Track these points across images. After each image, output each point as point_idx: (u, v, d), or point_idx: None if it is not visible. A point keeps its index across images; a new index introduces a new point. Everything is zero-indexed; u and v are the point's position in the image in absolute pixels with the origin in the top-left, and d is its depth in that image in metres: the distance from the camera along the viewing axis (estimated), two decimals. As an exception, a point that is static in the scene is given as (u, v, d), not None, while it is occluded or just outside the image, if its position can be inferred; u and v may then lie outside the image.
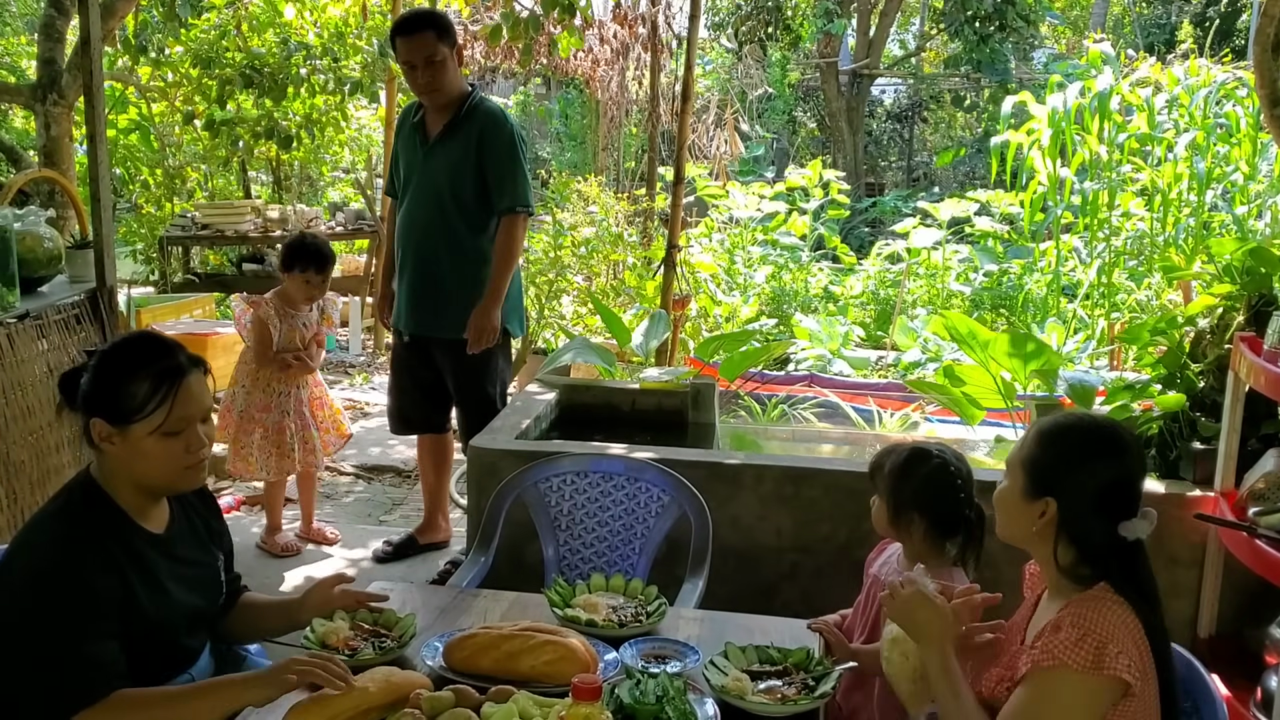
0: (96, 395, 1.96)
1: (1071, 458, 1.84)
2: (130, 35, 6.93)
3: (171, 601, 2.02)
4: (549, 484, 3.08)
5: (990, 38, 14.69)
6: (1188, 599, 3.30)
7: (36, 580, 1.87)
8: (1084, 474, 1.82)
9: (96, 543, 1.92)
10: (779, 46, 15.41)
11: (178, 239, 7.92)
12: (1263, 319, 3.23)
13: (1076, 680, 1.70)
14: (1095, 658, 1.69)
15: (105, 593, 1.89)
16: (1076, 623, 1.73)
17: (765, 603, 3.23)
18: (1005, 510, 1.92)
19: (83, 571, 1.88)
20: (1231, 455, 3.22)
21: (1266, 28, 4.23)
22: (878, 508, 2.41)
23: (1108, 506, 1.80)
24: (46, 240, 4.00)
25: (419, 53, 3.94)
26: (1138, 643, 1.73)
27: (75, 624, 1.85)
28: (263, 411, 4.29)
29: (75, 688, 1.83)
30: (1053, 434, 1.88)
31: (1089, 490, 1.81)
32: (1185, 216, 6.88)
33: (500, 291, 4.02)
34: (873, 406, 5.08)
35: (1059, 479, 1.83)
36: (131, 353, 2.00)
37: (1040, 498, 1.84)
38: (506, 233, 4.02)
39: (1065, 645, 1.71)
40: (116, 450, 1.95)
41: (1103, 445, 1.84)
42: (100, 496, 1.98)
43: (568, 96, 14.67)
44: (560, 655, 1.97)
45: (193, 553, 2.12)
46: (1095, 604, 1.76)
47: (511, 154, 4.02)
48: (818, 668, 2.05)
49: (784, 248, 8.73)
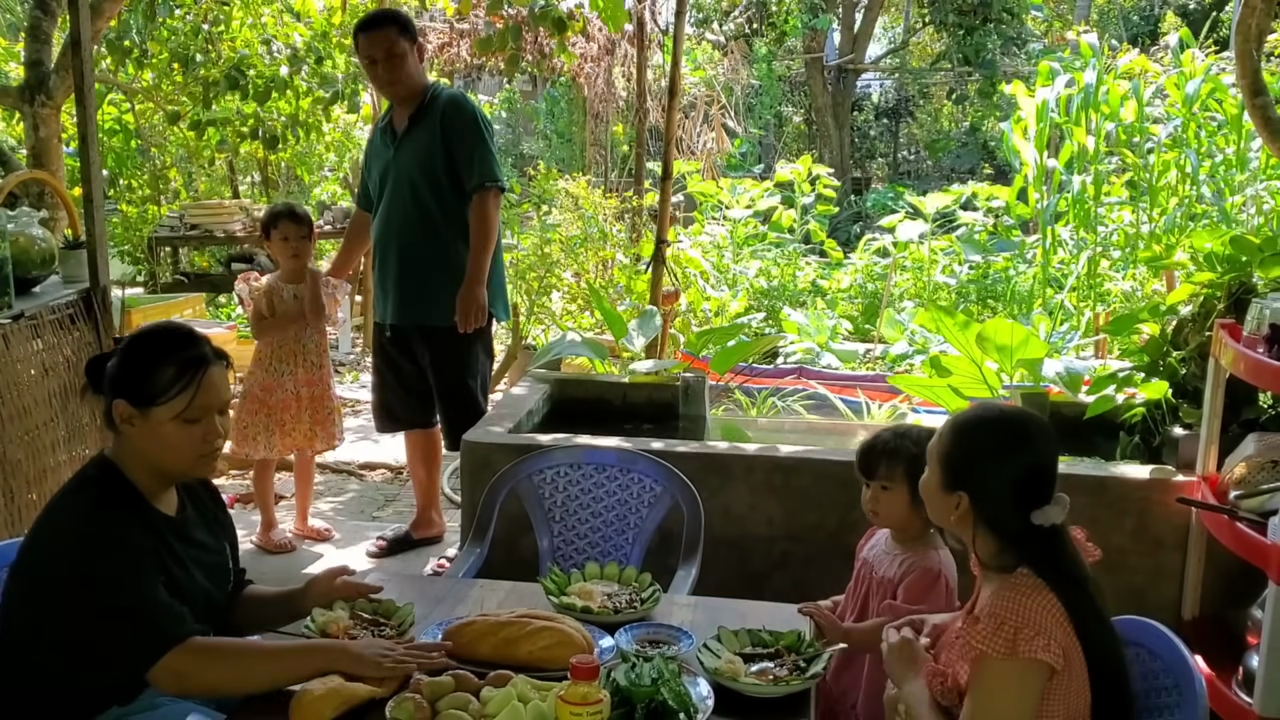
0: (123, 377, 2.04)
1: (980, 452, 1.92)
2: (113, 36, 6.93)
3: (191, 582, 2.08)
4: (543, 476, 3.12)
5: (975, 31, 14.75)
6: (1171, 582, 3.35)
7: (84, 544, 1.92)
8: (992, 468, 1.90)
9: (126, 510, 2.00)
10: (765, 42, 15.45)
11: (166, 239, 7.92)
12: (1242, 306, 3.28)
13: (997, 668, 1.79)
14: (1010, 643, 1.78)
15: (149, 550, 1.98)
16: (993, 611, 1.82)
17: (756, 591, 3.26)
18: (927, 499, 2.01)
19: (125, 529, 1.96)
20: (1213, 440, 3.28)
21: (1248, 18, 4.29)
22: (871, 494, 2.45)
23: (1019, 497, 1.87)
24: (40, 241, 4.01)
25: (379, 47, 4.07)
26: (1060, 624, 1.80)
27: (135, 574, 1.93)
28: (265, 390, 4.32)
29: (153, 633, 1.91)
30: (963, 429, 1.97)
31: (999, 483, 1.89)
32: (1172, 207, 6.94)
33: (481, 270, 4.06)
34: (861, 398, 5.13)
35: (969, 473, 1.92)
36: (160, 340, 2.09)
37: (955, 491, 1.92)
38: (479, 210, 4.06)
39: (983, 635, 1.81)
40: (136, 432, 2.02)
41: (1010, 439, 1.91)
42: (118, 475, 2.05)
43: (553, 94, 14.69)
44: (557, 640, 2.01)
45: (204, 539, 2.18)
46: (1013, 590, 1.83)
47: (476, 133, 4.08)
48: (809, 650, 2.10)
49: (773, 242, 8.78)
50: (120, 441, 2.06)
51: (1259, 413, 3.45)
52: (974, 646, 1.81)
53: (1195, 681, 1.82)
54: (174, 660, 1.90)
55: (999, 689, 1.80)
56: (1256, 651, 2.81)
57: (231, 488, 5.23)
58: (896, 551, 2.43)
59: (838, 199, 11.10)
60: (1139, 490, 3.35)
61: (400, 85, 4.12)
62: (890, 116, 18.16)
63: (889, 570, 2.41)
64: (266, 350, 4.34)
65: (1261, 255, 3.53)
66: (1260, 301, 3.04)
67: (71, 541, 1.94)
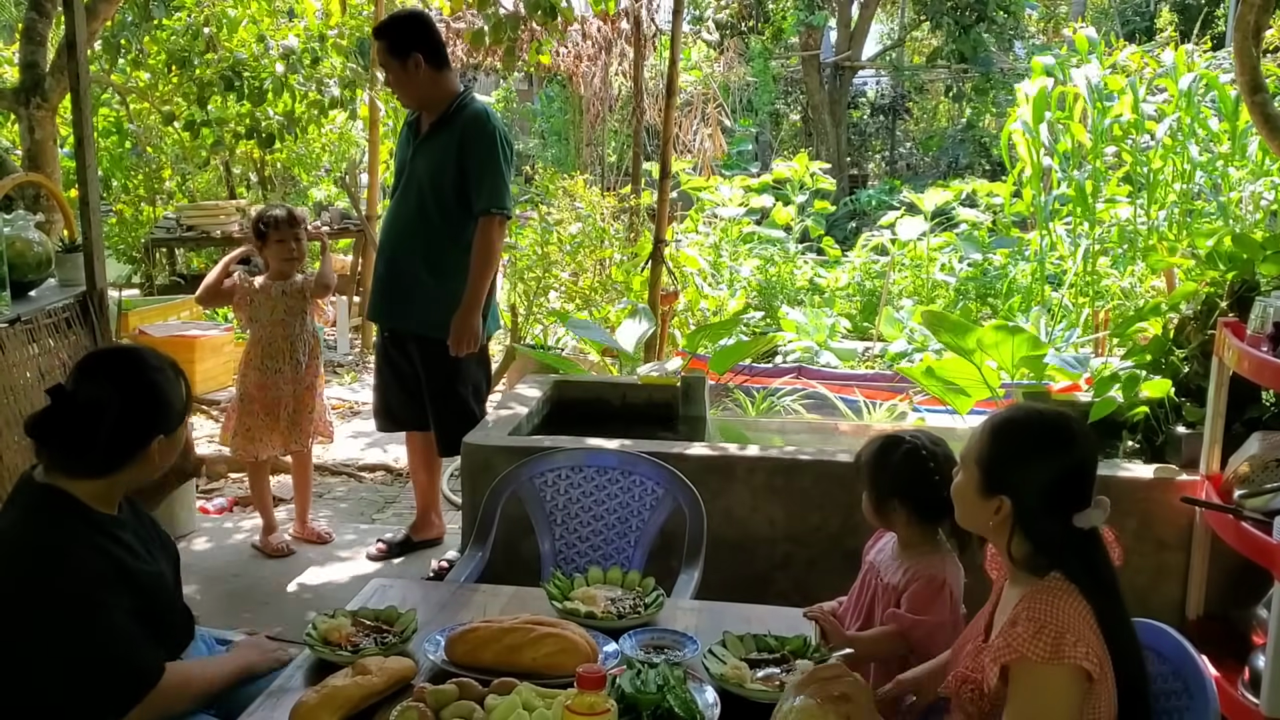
0: (161, 417, 2.08)
1: (1023, 455, 1.86)
2: (108, 37, 6.90)
3: (155, 571, 2.13)
4: (544, 479, 3.10)
5: (972, 28, 14.74)
6: (1176, 581, 3.34)
7: (52, 586, 1.94)
8: (1035, 471, 1.84)
9: (81, 535, 2.01)
10: (761, 40, 15.44)
11: (163, 241, 7.90)
12: (1245, 304, 3.27)
13: (1041, 672, 1.73)
14: (1054, 647, 1.72)
15: (110, 575, 1.99)
16: (1033, 615, 1.76)
17: (760, 593, 3.26)
18: (963, 504, 1.95)
19: (86, 563, 1.97)
20: (1216, 439, 3.27)
21: (1247, 14, 4.28)
22: (865, 500, 2.45)
23: (1061, 499, 1.82)
24: (36, 244, 3.99)
25: (380, 58, 4.10)
26: (1093, 630, 1.76)
27: (105, 612, 1.96)
28: (260, 389, 4.32)
29: (132, 673, 1.98)
30: (1004, 431, 1.90)
31: (1042, 486, 1.83)
32: (1170, 203, 6.92)
33: (479, 295, 4.03)
34: (859, 397, 5.12)
35: (1011, 477, 1.85)
36: (156, 368, 2.11)
37: (995, 495, 1.86)
38: (483, 236, 4.02)
39: (1024, 638, 1.74)
40: (159, 458, 2.10)
41: (1053, 440, 1.86)
42: (63, 496, 2.03)
43: (550, 94, 14.67)
44: (561, 647, 2.00)
45: (144, 529, 2.22)
46: (1049, 594, 1.78)
47: (491, 155, 4.01)
48: (815, 655, 2.08)
49: (770, 241, 8.76)
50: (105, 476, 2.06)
51: (1262, 411, 3.44)
52: (1014, 649, 1.75)
53: (1207, 686, 1.80)
54: (154, 699, 1.99)
55: (1046, 693, 1.73)
56: (1262, 651, 2.80)
57: (229, 491, 5.21)
58: (902, 557, 2.41)
59: (835, 197, 11.08)
60: (1142, 490, 3.33)
61: (405, 95, 4.12)
62: (886, 113, 18.14)
63: (894, 577, 2.39)
64: (257, 350, 4.33)
65: (1264, 253, 3.52)
66: (1264, 300, 3.03)
67: (35, 595, 1.95)
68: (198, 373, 6.35)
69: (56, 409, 2.02)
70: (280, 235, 4.26)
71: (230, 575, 4.23)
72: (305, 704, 1.82)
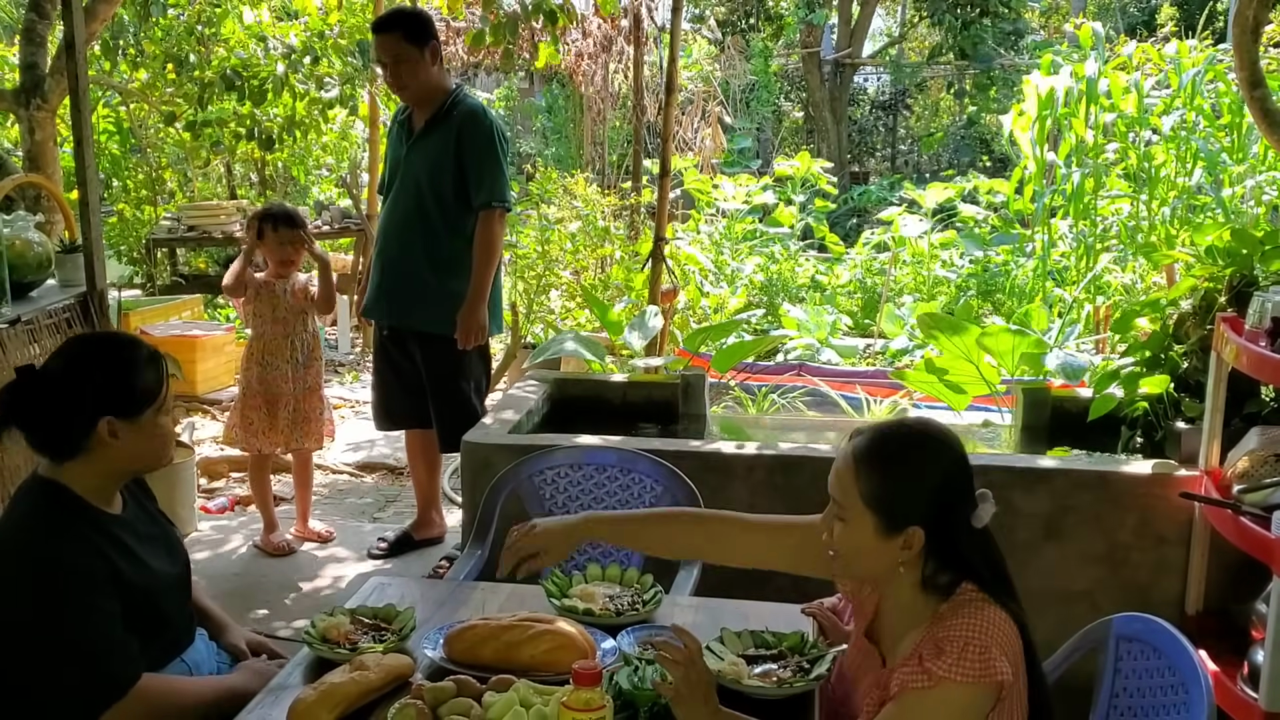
0: (111, 395, 2.05)
1: (916, 475, 1.75)
2: (106, 37, 6.90)
3: (152, 571, 2.13)
4: (543, 477, 3.10)
5: (973, 24, 14.72)
6: (1175, 577, 3.34)
7: (35, 582, 1.95)
8: (933, 487, 1.75)
9: (74, 531, 2.01)
10: (762, 37, 15.43)
11: (164, 241, 7.91)
12: (1244, 300, 3.27)
13: (957, 692, 1.64)
14: (982, 666, 1.64)
15: (100, 574, 1.99)
16: (954, 637, 1.67)
17: (758, 589, 3.25)
18: (860, 556, 1.80)
19: (74, 560, 1.98)
20: (1215, 434, 3.27)
21: (1246, 9, 4.27)
22: None
23: (960, 505, 1.75)
24: (36, 245, 4.00)
25: (388, 50, 4.02)
26: (1011, 637, 1.70)
27: (84, 613, 1.95)
28: (263, 384, 4.33)
29: (104, 680, 1.96)
30: (883, 459, 1.76)
31: (943, 500, 1.74)
32: (1172, 199, 6.91)
33: (484, 288, 4.06)
34: (861, 394, 5.12)
35: (914, 503, 1.74)
36: (119, 349, 2.14)
37: (900, 530, 1.73)
38: (484, 229, 4.05)
39: (949, 664, 1.64)
40: (118, 443, 2.05)
41: (930, 447, 1.78)
42: (60, 490, 2.05)
43: (551, 92, 14.66)
44: (559, 644, 2.00)
45: (150, 527, 2.23)
46: (966, 610, 1.70)
47: (489, 149, 4.04)
48: (812, 651, 2.09)
49: (771, 238, 8.76)
50: (79, 460, 2.06)
51: (1261, 406, 3.44)
52: (932, 675, 1.64)
53: (1202, 680, 1.81)
54: (125, 706, 1.97)
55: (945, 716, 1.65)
56: (1261, 646, 2.80)
57: (230, 490, 5.22)
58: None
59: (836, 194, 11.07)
60: (1141, 485, 3.33)
61: (407, 91, 4.10)
62: (887, 110, 18.12)
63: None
64: (258, 346, 4.34)
65: (1263, 248, 3.52)
66: (1262, 295, 3.02)
67: (24, 584, 1.96)
68: (198, 373, 6.36)
69: (16, 386, 2.05)
70: (280, 237, 4.26)
71: (231, 574, 4.24)
72: (303, 701, 1.83)
